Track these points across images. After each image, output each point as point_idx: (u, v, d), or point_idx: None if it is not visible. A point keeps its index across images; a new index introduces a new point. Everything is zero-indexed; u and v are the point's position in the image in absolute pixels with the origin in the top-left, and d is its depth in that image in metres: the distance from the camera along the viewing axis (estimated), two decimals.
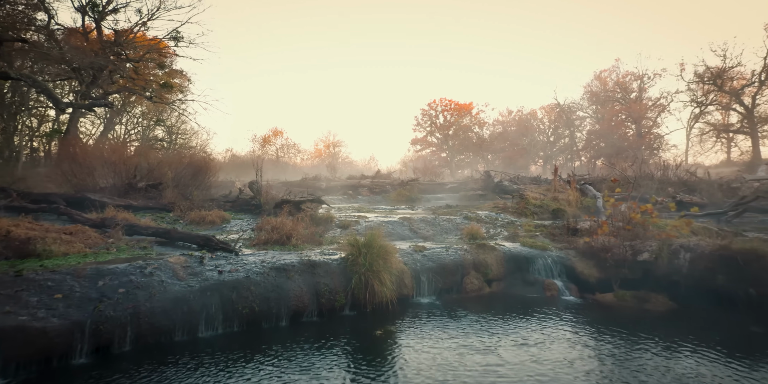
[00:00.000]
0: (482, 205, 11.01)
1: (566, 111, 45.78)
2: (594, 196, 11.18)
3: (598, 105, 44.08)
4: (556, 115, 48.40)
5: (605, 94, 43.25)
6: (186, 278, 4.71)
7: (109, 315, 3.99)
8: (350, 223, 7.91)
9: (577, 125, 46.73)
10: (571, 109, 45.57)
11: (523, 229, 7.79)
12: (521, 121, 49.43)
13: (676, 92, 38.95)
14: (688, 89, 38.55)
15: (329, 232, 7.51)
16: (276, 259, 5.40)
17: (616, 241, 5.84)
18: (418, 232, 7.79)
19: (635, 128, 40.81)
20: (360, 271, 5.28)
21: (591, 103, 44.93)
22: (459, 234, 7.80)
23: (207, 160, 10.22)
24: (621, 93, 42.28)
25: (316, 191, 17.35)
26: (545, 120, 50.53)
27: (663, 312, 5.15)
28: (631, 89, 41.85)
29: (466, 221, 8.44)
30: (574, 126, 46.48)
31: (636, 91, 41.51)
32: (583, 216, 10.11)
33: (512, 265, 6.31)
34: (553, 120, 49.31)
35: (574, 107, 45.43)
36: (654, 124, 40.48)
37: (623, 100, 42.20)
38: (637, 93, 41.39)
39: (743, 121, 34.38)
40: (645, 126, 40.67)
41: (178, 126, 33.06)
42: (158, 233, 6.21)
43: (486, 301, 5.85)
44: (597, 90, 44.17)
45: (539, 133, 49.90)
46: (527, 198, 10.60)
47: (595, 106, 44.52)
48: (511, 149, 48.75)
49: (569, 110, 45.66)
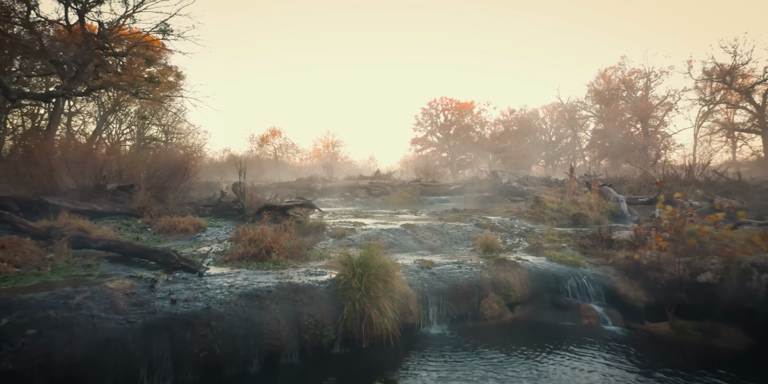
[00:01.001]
0: (493, 210, 9.93)
1: (569, 110, 44.71)
2: (616, 199, 10.11)
3: (602, 104, 42.96)
4: (559, 114, 47.36)
5: (610, 93, 42.15)
6: (127, 311, 3.62)
7: (5, 370, 2.91)
8: (345, 231, 6.83)
9: (581, 124, 45.64)
10: (575, 108, 44.49)
11: (545, 239, 6.71)
12: (523, 121, 48.32)
13: (683, 90, 37.88)
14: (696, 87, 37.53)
15: (320, 243, 6.41)
16: (248, 281, 4.31)
17: (670, 258, 4.75)
18: (424, 243, 6.71)
19: (641, 127, 39.76)
20: (354, 296, 4.20)
21: (595, 101, 43.81)
22: (471, 245, 6.72)
23: (185, 160, 9.13)
24: (627, 91, 41.19)
25: (311, 193, 16.27)
26: (547, 119, 49.49)
27: (739, 351, 4.07)
28: (638, 87, 40.77)
29: (478, 229, 7.35)
30: (578, 125, 45.39)
31: (642, 89, 40.44)
32: (607, 221, 9.03)
33: (539, 284, 5.22)
34: (555, 119, 48.27)
35: (577, 106, 44.32)
36: (661, 123, 39.41)
37: (629, 98, 41.13)
38: (643, 91, 40.32)
39: (754, 120, 33.31)
40: (651, 125, 39.60)
41: (174, 125, 32.08)
42: (110, 247, 5.12)
43: (509, 332, 4.77)
44: (601, 88, 43.07)
45: (541, 132, 48.81)
46: (544, 201, 9.51)
47: (600, 104, 43.41)
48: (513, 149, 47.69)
49: (572, 109, 44.59)
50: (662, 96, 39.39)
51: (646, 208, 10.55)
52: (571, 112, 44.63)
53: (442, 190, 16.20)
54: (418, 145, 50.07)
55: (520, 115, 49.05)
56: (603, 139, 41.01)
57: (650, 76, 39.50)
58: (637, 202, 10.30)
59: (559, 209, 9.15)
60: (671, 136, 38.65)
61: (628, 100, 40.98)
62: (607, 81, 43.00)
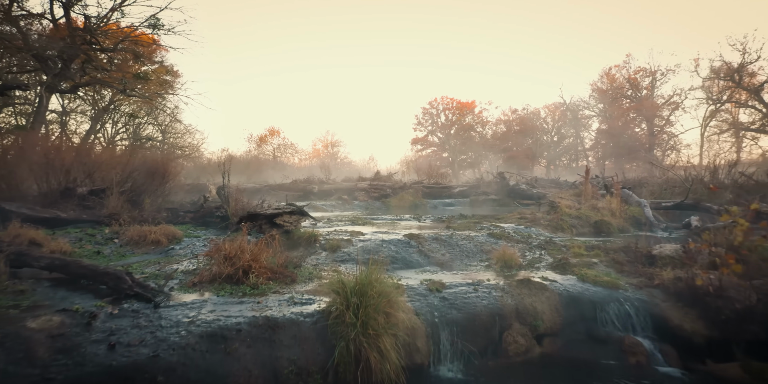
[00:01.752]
0: (504, 216, 9.04)
1: (572, 109, 43.81)
2: (639, 204, 9.23)
3: (605, 103, 42.03)
4: (561, 113, 46.44)
5: (614, 91, 41.24)
6: (47, 361, 2.74)
7: None
8: (340, 243, 5.94)
9: (584, 124, 44.75)
10: (578, 107, 43.60)
11: (570, 252, 5.82)
12: (525, 120, 47.41)
13: (690, 89, 37.01)
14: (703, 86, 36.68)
15: (310, 258, 5.53)
16: (215, 315, 3.43)
17: (737, 282, 3.87)
18: (431, 257, 5.82)
19: (647, 127, 38.89)
20: (348, 335, 3.32)
21: (598, 101, 42.89)
22: (485, 259, 5.83)
23: (165, 161, 8.22)
24: (632, 90, 40.29)
25: (307, 195, 15.39)
26: (548, 119, 48.57)
27: None
28: (643, 86, 39.88)
29: (492, 240, 6.46)
30: (582, 125, 44.51)
31: (648, 88, 39.55)
32: (631, 229, 8.16)
33: (572, 312, 4.34)
34: (557, 119, 47.37)
35: (581, 106, 43.43)
36: (667, 123, 38.53)
37: (634, 97, 40.24)
38: (648, 90, 39.43)
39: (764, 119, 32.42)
40: (657, 125, 38.72)
41: (171, 125, 31.29)
42: (54, 266, 4.23)
43: (538, 372, 3.89)
44: (605, 88, 42.16)
45: (542, 132, 47.90)
46: (560, 207, 8.63)
47: (603, 104, 42.48)
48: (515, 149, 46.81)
49: (575, 109, 43.69)
50: (668, 95, 38.50)
51: (671, 213, 9.67)
52: (574, 111, 43.72)
53: (445, 193, 15.31)
54: (419, 145, 49.16)
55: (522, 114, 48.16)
56: (607, 139, 40.13)
57: (656, 74, 38.58)
58: (660, 206, 9.42)
59: (578, 215, 8.27)
60: (678, 136, 37.79)
61: (633, 99, 40.09)
62: (611, 80, 42.09)
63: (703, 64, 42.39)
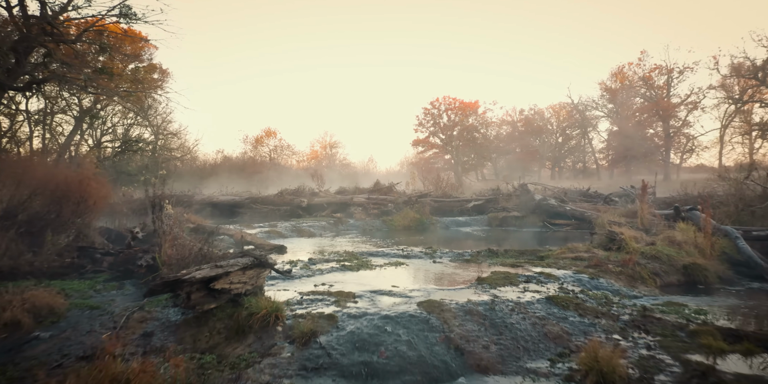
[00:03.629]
0: (549, 251, 6.72)
1: (580, 110, 41.47)
2: (726, 234, 6.94)
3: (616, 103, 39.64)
4: (567, 114, 44.14)
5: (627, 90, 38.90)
6: None
7: None
8: (317, 323, 3.65)
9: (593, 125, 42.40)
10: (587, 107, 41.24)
11: (695, 343, 3.51)
12: (530, 121, 45.09)
13: (708, 87, 34.69)
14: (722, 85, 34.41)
15: (262, 364, 3.20)
16: None
17: None
18: (464, 350, 3.52)
19: (663, 127, 36.57)
20: None
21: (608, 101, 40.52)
22: (557, 356, 3.51)
23: (81, 179, 5.75)
24: (647, 89, 37.98)
25: (294, 211, 13.06)
26: (553, 120, 46.26)
27: None
28: (658, 85, 37.56)
29: (555, 311, 4.14)
30: (591, 125, 42.14)
31: (663, 86, 37.25)
32: (732, 275, 5.87)
33: None
34: (563, 120, 45.08)
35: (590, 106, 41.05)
36: (684, 124, 36.22)
37: (648, 96, 37.94)
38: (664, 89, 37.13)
39: None
40: (673, 126, 36.41)
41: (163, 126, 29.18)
42: None
43: None
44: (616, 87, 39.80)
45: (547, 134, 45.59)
46: (626, 240, 6.34)
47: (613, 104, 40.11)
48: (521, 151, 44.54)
49: (584, 109, 41.34)
50: (685, 94, 36.20)
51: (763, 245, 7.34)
52: (582, 112, 41.39)
53: (457, 207, 12.98)
54: (420, 147, 46.78)
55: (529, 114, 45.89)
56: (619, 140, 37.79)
57: (673, 72, 36.25)
58: (751, 236, 7.12)
59: (654, 255, 5.97)
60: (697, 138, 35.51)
61: (648, 99, 37.78)
62: (622, 78, 39.75)
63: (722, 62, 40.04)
